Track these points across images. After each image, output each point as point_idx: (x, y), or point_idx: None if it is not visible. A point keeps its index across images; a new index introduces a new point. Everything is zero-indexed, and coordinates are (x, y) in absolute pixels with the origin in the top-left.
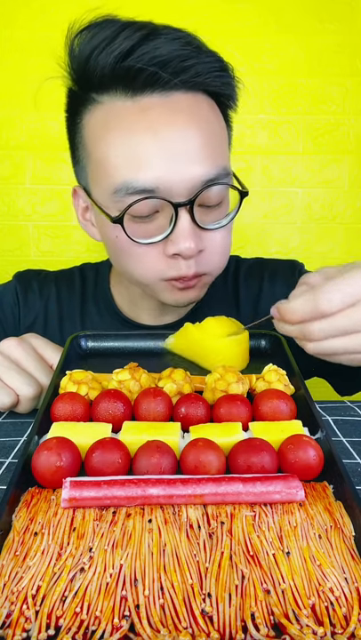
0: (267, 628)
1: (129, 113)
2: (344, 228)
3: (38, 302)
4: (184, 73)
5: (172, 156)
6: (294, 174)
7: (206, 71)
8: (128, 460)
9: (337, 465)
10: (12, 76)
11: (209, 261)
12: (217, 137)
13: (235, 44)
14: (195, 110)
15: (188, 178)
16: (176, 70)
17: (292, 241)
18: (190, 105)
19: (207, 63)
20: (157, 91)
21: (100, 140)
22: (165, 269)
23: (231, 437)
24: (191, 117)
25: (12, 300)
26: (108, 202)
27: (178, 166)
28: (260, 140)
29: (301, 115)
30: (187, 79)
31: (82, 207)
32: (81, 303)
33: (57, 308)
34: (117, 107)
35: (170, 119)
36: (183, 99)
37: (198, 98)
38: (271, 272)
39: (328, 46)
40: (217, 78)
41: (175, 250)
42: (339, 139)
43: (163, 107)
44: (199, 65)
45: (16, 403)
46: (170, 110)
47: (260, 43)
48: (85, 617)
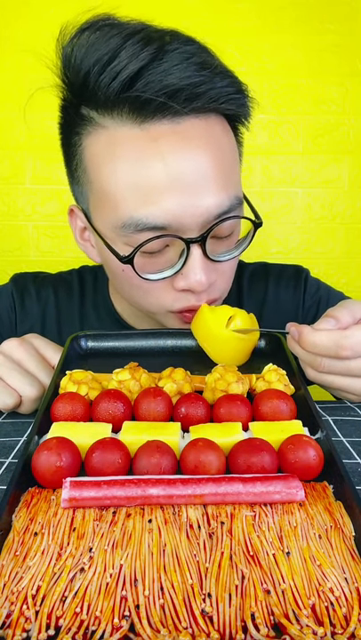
0: (267, 628)
1: (137, 141)
2: (344, 228)
3: (36, 307)
4: (197, 100)
5: (184, 188)
6: (294, 174)
7: (220, 96)
8: (128, 460)
9: (337, 465)
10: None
11: (218, 290)
12: (229, 162)
13: (235, 44)
14: (207, 137)
15: (200, 212)
16: (188, 98)
17: (292, 241)
18: (203, 131)
19: (221, 88)
20: (167, 117)
21: (105, 168)
22: (174, 302)
23: (231, 437)
24: (203, 145)
25: (9, 304)
26: (113, 234)
27: (190, 200)
28: (260, 139)
29: (301, 115)
30: (200, 105)
31: (79, 227)
32: (80, 308)
33: (55, 313)
34: (124, 134)
35: (181, 148)
36: (195, 125)
37: (210, 121)
38: (276, 277)
39: (328, 46)
40: (231, 100)
41: (186, 284)
42: (339, 139)
43: (173, 135)
44: (213, 90)
45: (19, 403)
46: (180, 139)
47: (260, 43)
48: (85, 617)
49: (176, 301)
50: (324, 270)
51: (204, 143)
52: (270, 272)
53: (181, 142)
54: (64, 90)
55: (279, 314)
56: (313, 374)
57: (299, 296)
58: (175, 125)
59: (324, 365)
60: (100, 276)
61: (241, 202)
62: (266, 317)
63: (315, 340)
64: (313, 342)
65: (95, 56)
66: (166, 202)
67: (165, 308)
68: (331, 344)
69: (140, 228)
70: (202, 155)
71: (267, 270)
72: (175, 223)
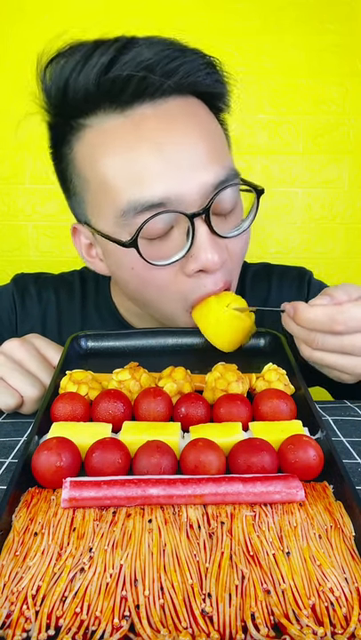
0: (267, 628)
1: (122, 129)
2: (344, 228)
3: (37, 308)
4: (174, 74)
5: (177, 165)
6: (294, 174)
7: (195, 69)
8: (128, 459)
9: (337, 465)
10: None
11: (231, 270)
12: (217, 138)
13: (235, 44)
14: (190, 114)
15: (198, 184)
16: (165, 72)
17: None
18: (185, 110)
19: (194, 61)
20: (147, 100)
21: (97, 163)
22: (190, 292)
23: (231, 437)
24: (189, 122)
25: (9, 305)
26: (115, 228)
27: (185, 175)
28: (260, 139)
29: (301, 115)
30: (178, 80)
31: (85, 245)
32: (81, 309)
33: (56, 314)
34: (109, 125)
35: (167, 128)
36: (176, 104)
37: (190, 101)
38: (279, 277)
39: (328, 46)
40: (207, 76)
41: (197, 265)
42: (339, 139)
43: (157, 116)
44: (187, 64)
45: (20, 404)
46: (165, 118)
47: (260, 43)
48: (85, 617)
49: (193, 291)
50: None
51: (189, 120)
52: (273, 273)
53: (165, 122)
54: (47, 113)
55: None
56: (307, 352)
57: (302, 298)
58: (157, 107)
59: (319, 341)
60: (102, 277)
61: (237, 174)
62: (268, 317)
63: (309, 315)
64: (308, 318)
65: (70, 66)
66: (161, 181)
67: (183, 302)
68: (325, 319)
69: (140, 209)
70: (189, 131)
71: (270, 271)
72: (173, 198)
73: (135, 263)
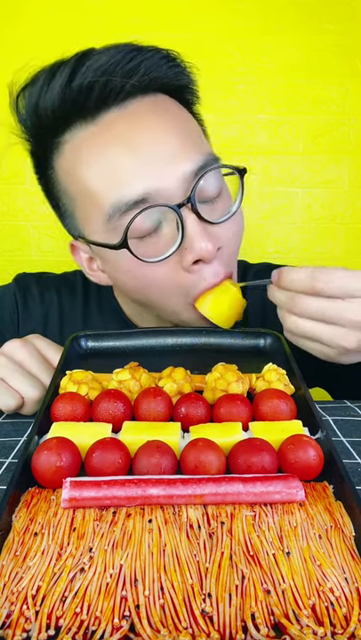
0: (267, 628)
1: (94, 137)
2: (344, 228)
3: (39, 309)
4: (134, 73)
5: (152, 160)
6: (294, 174)
7: (155, 65)
8: (128, 459)
9: (337, 465)
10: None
11: (228, 258)
12: (191, 130)
13: (235, 44)
14: (159, 111)
15: (177, 175)
16: (125, 73)
17: (292, 241)
18: (152, 107)
19: (152, 57)
20: (114, 105)
21: (77, 175)
22: (193, 287)
23: (231, 437)
24: (157, 118)
25: (12, 305)
26: (106, 234)
27: (162, 168)
28: (260, 139)
29: (301, 115)
30: (139, 79)
31: (85, 259)
32: (83, 309)
33: (58, 315)
34: (81, 136)
35: (136, 126)
36: (143, 104)
37: (158, 98)
38: None
39: (328, 46)
40: (168, 69)
41: (193, 256)
42: (339, 139)
43: (125, 117)
44: (146, 61)
45: (21, 405)
46: (133, 118)
47: (260, 43)
48: (85, 617)
49: (194, 285)
50: None
51: (157, 116)
52: None
53: (134, 121)
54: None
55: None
56: (289, 321)
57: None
58: (124, 109)
59: (300, 304)
60: None
61: (217, 159)
62: (269, 316)
63: (292, 275)
64: (290, 277)
65: (36, 90)
66: (138, 177)
67: (185, 297)
68: (306, 277)
69: (123, 209)
70: (158, 127)
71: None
72: (154, 193)
73: (131, 265)
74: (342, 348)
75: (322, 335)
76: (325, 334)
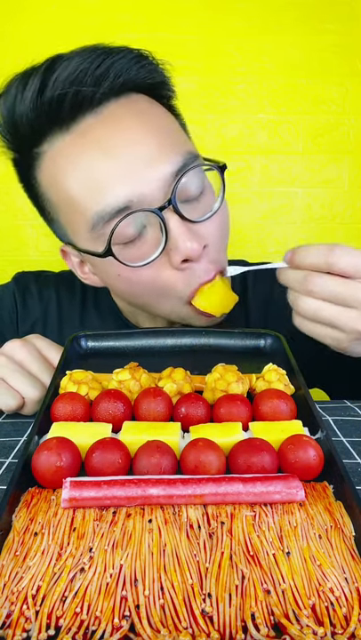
0: (267, 628)
1: (71, 145)
2: (344, 228)
3: (37, 306)
4: (104, 79)
5: (131, 165)
6: (294, 174)
7: (125, 67)
8: (128, 459)
9: (337, 465)
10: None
11: (217, 255)
12: (169, 128)
13: (235, 44)
14: (134, 112)
15: (157, 178)
16: (95, 80)
17: (292, 241)
18: (127, 109)
19: (122, 59)
20: (88, 111)
21: (58, 185)
22: (184, 285)
23: (231, 437)
24: (134, 121)
25: (11, 304)
26: (91, 242)
27: (142, 172)
28: (259, 139)
29: (301, 115)
30: (111, 85)
31: (77, 263)
32: (81, 307)
33: (57, 313)
34: (59, 146)
35: (113, 131)
36: (117, 107)
37: (132, 98)
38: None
39: (328, 46)
40: (140, 69)
41: (180, 256)
42: (339, 139)
43: (100, 123)
44: (115, 64)
45: (21, 405)
46: (109, 123)
47: (261, 43)
48: (85, 617)
49: (188, 283)
50: None
51: (134, 119)
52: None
53: (110, 126)
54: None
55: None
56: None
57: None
58: (98, 115)
59: (317, 283)
60: None
61: (196, 156)
62: (271, 317)
63: (307, 251)
64: (304, 254)
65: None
66: (120, 183)
67: (181, 296)
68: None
69: (107, 218)
70: (135, 130)
71: (272, 271)
72: (136, 199)
73: (120, 270)
74: (357, 332)
75: (337, 318)
76: (341, 317)
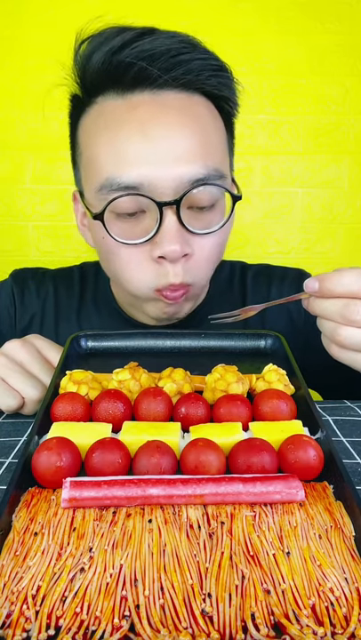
0: (267, 628)
1: (117, 110)
2: (344, 228)
3: (35, 302)
4: (175, 69)
5: (159, 153)
6: (294, 174)
7: (199, 68)
8: (128, 459)
9: (337, 465)
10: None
11: (196, 270)
12: (210, 138)
13: (235, 44)
14: (186, 109)
15: (174, 176)
16: (166, 66)
17: (292, 241)
18: (182, 103)
19: (201, 60)
20: (148, 88)
21: (90, 138)
22: (152, 277)
23: (231, 437)
24: (182, 116)
25: (8, 299)
26: (94, 200)
27: (164, 164)
28: (260, 139)
29: (301, 115)
30: (177, 76)
31: (80, 212)
32: (79, 303)
33: (54, 308)
34: (108, 105)
35: (158, 116)
36: (175, 97)
37: (193, 98)
38: (279, 279)
39: (328, 46)
40: (211, 77)
41: (160, 252)
42: (339, 139)
43: (152, 104)
44: (192, 62)
45: (21, 405)
46: (159, 107)
47: (261, 43)
48: (85, 617)
49: (156, 278)
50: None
51: (183, 114)
52: (273, 274)
53: (159, 110)
54: (74, 86)
55: (282, 315)
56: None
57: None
58: (155, 96)
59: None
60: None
61: (222, 175)
62: (269, 318)
63: (339, 278)
64: (336, 281)
65: (94, 44)
66: (141, 165)
67: (147, 284)
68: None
69: (115, 187)
70: (179, 124)
71: (270, 272)
72: (147, 184)
73: (106, 235)
74: None
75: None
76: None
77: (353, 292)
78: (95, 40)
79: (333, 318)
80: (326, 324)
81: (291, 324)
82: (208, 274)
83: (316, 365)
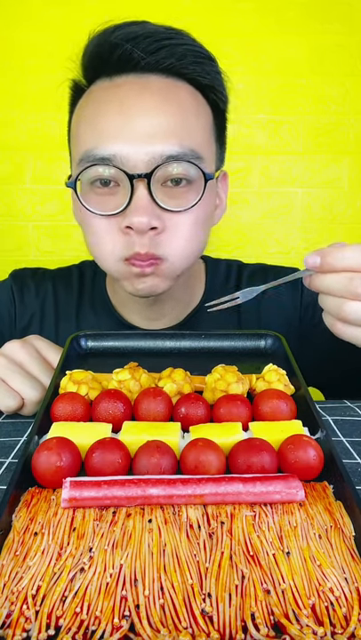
0: (267, 627)
1: (104, 89)
2: (344, 228)
3: (34, 301)
4: (157, 52)
5: (135, 129)
6: (294, 174)
7: (180, 54)
8: (128, 460)
9: (337, 465)
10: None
11: (168, 245)
12: (190, 121)
13: (235, 43)
14: (168, 92)
15: (146, 151)
16: (150, 49)
17: (292, 241)
18: (164, 87)
19: (184, 46)
20: (132, 71)
21: (77, 117)
22: (121, 248)
23: (231, 437)
24: (162, 97)
25: (8, 299)
26: (74, 174)
27: (139, 140)
28: (259, 139)
29: (301, 115)
30: (159, 59)
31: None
32: (77, 302)
33: (53, 307)
34: (97, 86)
35: (139, 96)
36: (160, 81)
37: (178, 83)
38: (274, 277)
39: (328, 46)
40: (194, 64)
41: (127, 222)
42: (339, 139)
43: (134, 84)
44: (176, 47)
45: (21, 406)
46: (141, 88)
47: (260, 42)
48: (85, 617)
49: (125, 248)
50: None
51: (164, 96)
52: (269, 273)
53: (141, 90)
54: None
55: (277, 313)
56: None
57: (297, 296)
58: (139, 79)
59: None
60: (100, 270)
61: (198, 156)
62: (264, 316)
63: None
64: (340, 255)
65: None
66: (116, 137)
67: (115, 254)
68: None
69: (91, 159)
70: (159, 105)
71: (265, 271)
72: (120, 157)
73: (82, 207)
74: None
75: None
76: None
77: (354, 266)
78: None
79: (338, 293)
80: (330, 300)
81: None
82: (184, 252)
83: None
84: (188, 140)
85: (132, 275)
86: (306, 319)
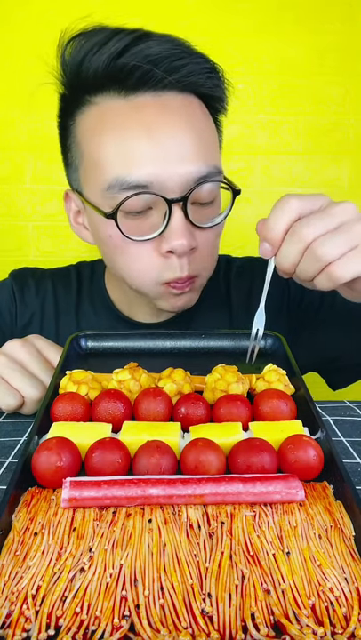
0: (267, 627)
1: (122, 111)
2: None
3: (35, 300)
4: (176, 72)
5: (165, 153)
6: (294, 174)
7: (198, 71)
8: (128, 460)
9: (337, 465)
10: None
11: (200, 262)
12: (208, 137)
13: (235, 44)
14: (187, 110)
15: (180, 174)
16: (169, 69)
17: None
18: (182, 105)
19: (198, 64)
20: (150, 90)
21: (94, 138)
22: (160, 271)
23: (231, 437)
24: (184, 117)
25: (9, 298)
26: (100, 199)
27: (171, 164)
28: (259, 140)
29: (301, 115)
30: (179, 78)
31: (74, 211)
32: (77, 301)
33: (53, 306)
34: (111, 106)
35: (163, 118)
36: (175, 99)
37: (190, 99)
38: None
39: (328, 46)
40: (208, 80)
41: (169, 247)
42: (339, 139)
43: (156, 105)
44: (191, 65)
45: (21, 404)
46: (163, 109)
47: (260, 42)
48: (85, 617)
49: (163, 271)
50: None
51: (184, 115)
52: (256, 265)
53: (163, 112)
54: (60, 85)
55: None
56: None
57: (284, 283)
58: (157, 97)
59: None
60: (97, 269)
61: (220, 172)
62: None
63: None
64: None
65: (88, 47)
66: (149, 163)
67: (153, 278)
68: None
69: (125, 187)
70: (182, 125)
71: (253, 265)
72: (157, 183)
73: (113, 232)
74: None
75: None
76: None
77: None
78: (87, 41)
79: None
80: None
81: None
82: (213, 264)
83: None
84: (210, 158)
85: (170, 295)
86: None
